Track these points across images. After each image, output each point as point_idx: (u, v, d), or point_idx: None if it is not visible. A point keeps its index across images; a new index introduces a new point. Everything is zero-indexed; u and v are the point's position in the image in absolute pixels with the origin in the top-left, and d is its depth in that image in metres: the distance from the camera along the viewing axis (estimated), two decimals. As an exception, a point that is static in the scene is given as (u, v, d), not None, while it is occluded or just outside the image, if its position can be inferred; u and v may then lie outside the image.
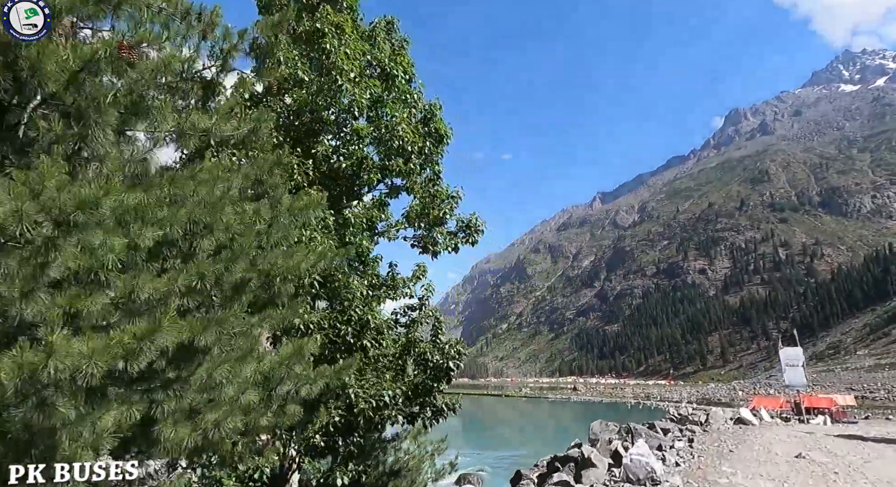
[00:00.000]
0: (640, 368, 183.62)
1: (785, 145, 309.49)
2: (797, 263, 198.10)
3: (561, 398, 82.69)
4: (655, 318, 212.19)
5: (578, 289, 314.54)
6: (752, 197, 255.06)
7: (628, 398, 74.08)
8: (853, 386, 58.24)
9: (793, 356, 26.30)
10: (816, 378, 70.44)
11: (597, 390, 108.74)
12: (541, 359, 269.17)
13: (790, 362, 26.12)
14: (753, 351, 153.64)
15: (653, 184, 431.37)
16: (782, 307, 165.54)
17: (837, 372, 71.06)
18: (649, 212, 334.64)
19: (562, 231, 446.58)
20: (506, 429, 47.62)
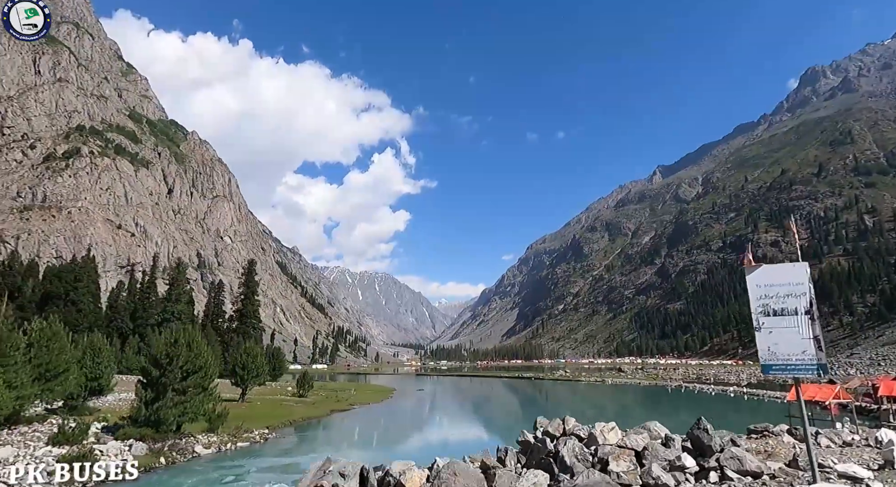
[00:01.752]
0: (705, 348, 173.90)
1: (872, 102, 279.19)
2: (887, 231, 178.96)
3: (595, 380, 79.03)
4: (721, 295, 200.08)
5: (638, 267, 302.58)
6: (833, 161, 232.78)
7: (677, 379, 69.31)
8: None
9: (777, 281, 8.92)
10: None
11: (644, 371, 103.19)
12: (598, 340, 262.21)
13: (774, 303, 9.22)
14: (834, 328, 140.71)
15: (718, 154, 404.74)
16: (868, 279, 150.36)
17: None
18: (714, 184, 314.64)
19: (620, 208, 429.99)
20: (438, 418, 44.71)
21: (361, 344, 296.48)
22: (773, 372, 8.31)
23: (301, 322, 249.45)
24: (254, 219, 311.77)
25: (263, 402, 37.01)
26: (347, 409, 40.05)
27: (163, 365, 20.56)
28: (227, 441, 22.31)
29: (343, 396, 47.70)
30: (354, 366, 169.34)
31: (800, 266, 8.54)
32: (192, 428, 22.21)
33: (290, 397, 42.31)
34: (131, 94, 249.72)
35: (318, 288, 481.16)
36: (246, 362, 33.66)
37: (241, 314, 62.76)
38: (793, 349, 7.97)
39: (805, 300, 8.35)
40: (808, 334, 7.97)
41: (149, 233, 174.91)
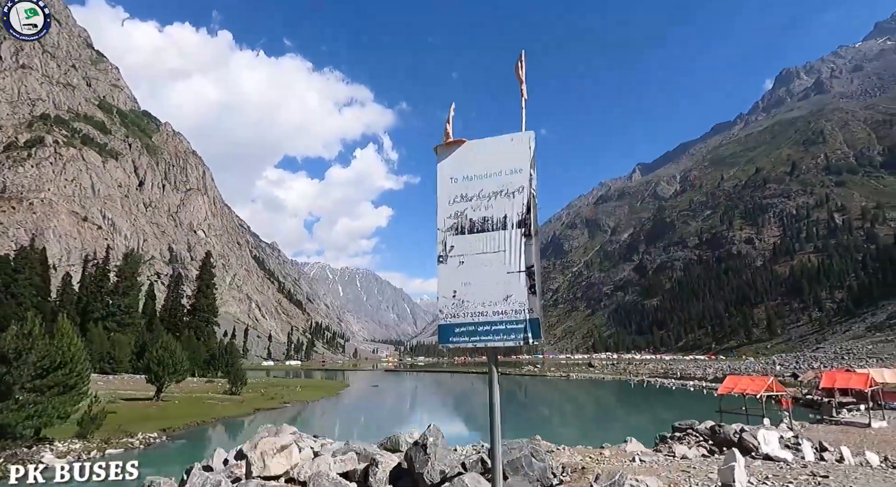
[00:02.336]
0: (680, 343, 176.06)
1: (843, 103, 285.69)
2: (855, 229, 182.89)
3: (560, 376, 79.12)
4: (697, 291, 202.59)
5: (616, 264, 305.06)
6: (805, 160, 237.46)
7: (644, 375, 69.52)
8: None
9: (483, 170, 4.76)
10: (873, 349, 63.45)
11: (613, 367, 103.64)
12: (577, 336, 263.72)
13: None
14: (804, 323, 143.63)
15: (696, 152, 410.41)
16: (837, 275, 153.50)
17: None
18: (691, 182, 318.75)
19: (599, 205, 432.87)
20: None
21: (340, 340, 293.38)
22: (454, 342, 4.46)
23: (277, 318, 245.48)
24: (230, 213, 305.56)
25: (184, 401, 34.76)
26: (276, 408, 37.91)
27: (9, 361, 17.48)
28: (93, 447, 19.62)
29: (282, 393, 45.57)
30: (330, 363, 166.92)
31: (521, 138, 4.53)
32: (60, 433, 19.52)
33: (219, 395, 40.05)
34: (101, 84, 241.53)
35: (298, 284, 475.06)
36: (162, 357, 31.02)
37: (194, 308, 59.98)
38: (489, 294, 4.22)
39: (521, 200, 4.39)
40: (519, 264, 4.26)
41: (117, 225, 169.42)
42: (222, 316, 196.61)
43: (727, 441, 12.63)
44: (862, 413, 21.94)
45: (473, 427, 30.30)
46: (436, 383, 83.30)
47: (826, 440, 16.35)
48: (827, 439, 16.62)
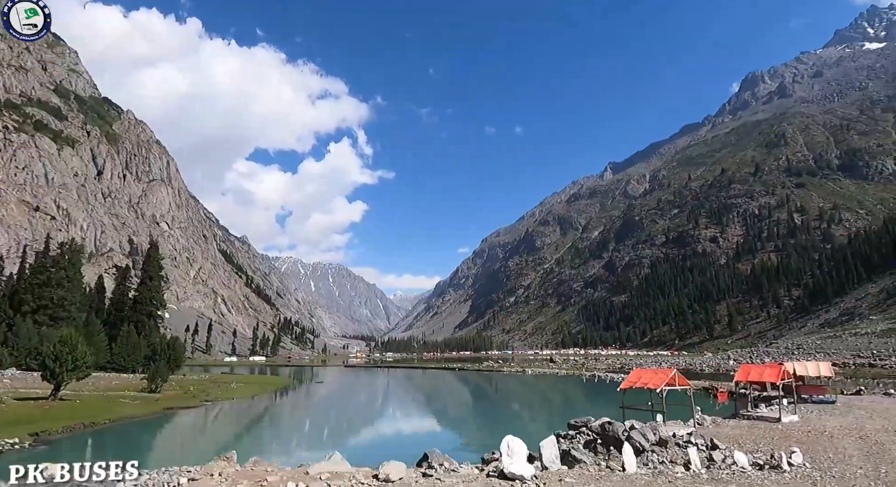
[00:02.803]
0: (645, 339, 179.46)
1: (804, 107, 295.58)
2: (813, 229, 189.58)
3: (516, 371, 79.45)
4: (663, 288, 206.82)
5: (587, 261, 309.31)
6: (768, 161, 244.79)
7: (600, 370, 70.29)
8: (861, 352, 53.00)
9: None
10: (821, 344, 65.40)
11: (571, 362, 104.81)
12: (547, 332, 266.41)
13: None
14: (763, 320, 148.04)
15: (665, 152, 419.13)
16: (795, 273, 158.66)
17: (845, 337, 65.60)
18: (660, 181, 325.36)
19: (572, 202, 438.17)
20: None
21: (309, 335, 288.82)
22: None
23: (244, 312, 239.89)
24: (196, 206, 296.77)
25: (88, 400, 31.93)
26: (192, 407, 35.27)
27: None
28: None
29: (212, 390, 42.96)
30: (296, 358, 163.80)
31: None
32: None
33: (136, 392, 37.38)
34: (58, 68, 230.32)
35: (268, 279, 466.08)
36: (59, 352, 28.41)
37: (135, 301, 56.68)
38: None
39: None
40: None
41: (72, 216, 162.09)
42: (186, 310, 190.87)
43: (616, 439, 12.06)
44: (785, 407, 21.89)
45: (392, 444, 27.26)
46: (391, 379, 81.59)
47: (730, 436, 16.03)
48: (731, 435, 16.41)
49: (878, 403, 25.77)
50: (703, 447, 11.57)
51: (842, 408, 23.81)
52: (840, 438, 15.61)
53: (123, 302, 57.54)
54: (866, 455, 12.56)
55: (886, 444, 14.09)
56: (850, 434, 16.37)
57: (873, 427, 17.79)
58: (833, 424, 18.98)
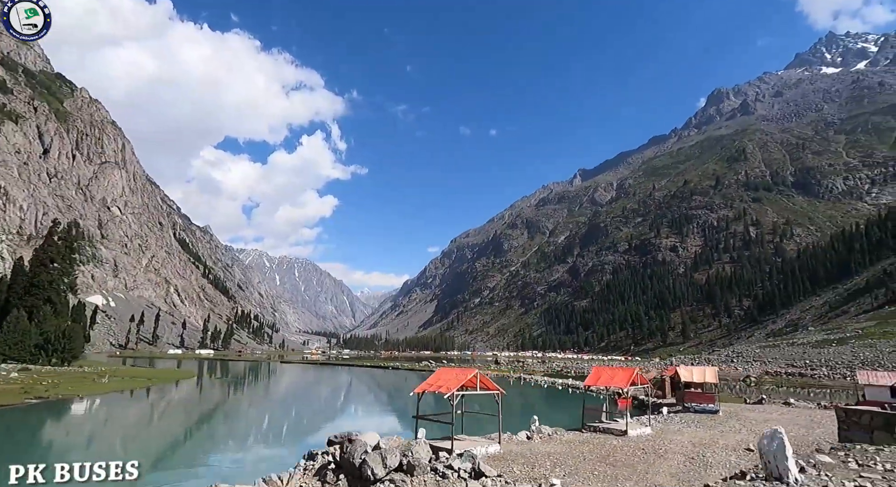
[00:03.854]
0: (602, 344, 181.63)
1: (764, 125, 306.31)
2: (767, 242, 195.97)
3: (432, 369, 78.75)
4: (623, 294, 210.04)
5: (552, 265, 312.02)
6: (728, 175, 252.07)
7: (540, 372, 69.99)
8: (795, 362, 54.06)
9: None
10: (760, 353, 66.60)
11: (513, 365, 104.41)
12: (509, 334, 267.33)
13: None
14: (714, 328, 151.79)
15: (633, 161, 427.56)
16: (747, 285, 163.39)
17: (783, 347, 67.34)
18: (626, 189, 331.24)
19: (540, 207, 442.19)
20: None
21: (268, 330, 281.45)
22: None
23: (199, 304, 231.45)
24: (153, 191, 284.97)
25: None
26: (8, 405, 30.50)
27: None
28: None
29: (70, 385, 38.56)
30: (247, 353, 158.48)
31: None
32: None
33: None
34: (6, 38, 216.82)
35: (230, 271, 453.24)
36: None
37: (31, 285, 51.16)
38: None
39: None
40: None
41: (11, 195, 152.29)
42: (134, 299, 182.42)
43: (351, 464, 9.89)
44: (665, 414, 20.70)
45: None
46: (320, 378, 77.13)
47: (544, 454, 14.38)
48: (547, 452, 14.74)
49: (766, 414, 25.12)
50: (464, 474, 9.60)
51: (720, 419, 23.00)
52: (670, 457, 14.14)
53: (33, 286, 52.31)
54: (677, 483, 11.17)
55: (714, 467, 12.72)
56: (690, 452, 14.91)
57: (725, 443, 16.48)
58: (684, 439, 17.40)
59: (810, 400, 33.18)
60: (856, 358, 50.81)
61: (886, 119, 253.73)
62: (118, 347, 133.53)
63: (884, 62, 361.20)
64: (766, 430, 8.84)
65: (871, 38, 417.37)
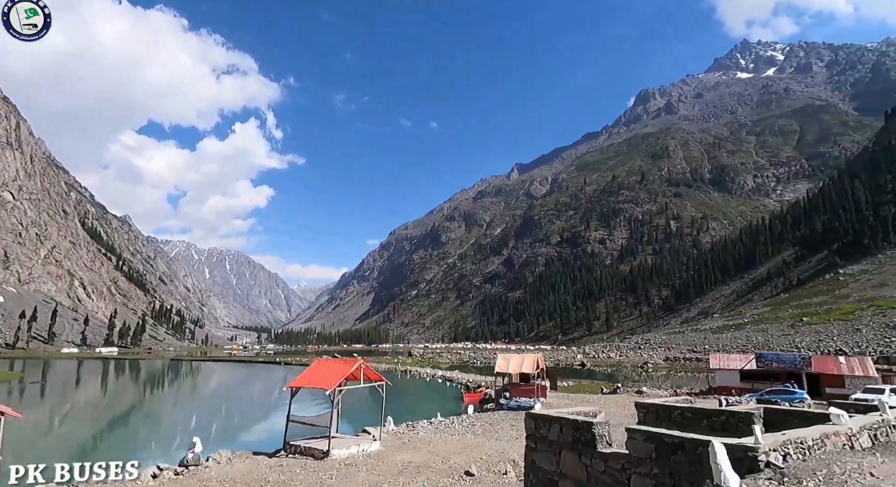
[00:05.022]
0: (532, 334, 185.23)
1: (685, 125, 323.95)
2: (685, 235, 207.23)
3: None
4: (554, 286, 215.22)
5: (488, 257, 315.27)
6: (653, 171, 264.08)
7: (441, 366, 69.80)
8: (695, 347, 56.44)
9: None
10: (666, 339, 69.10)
11: (433, 358, 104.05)
12: (445, 326, 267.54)
13: None
14: (635, 317, 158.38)
15: (567, 157, 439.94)
16: (666, 275, 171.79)
17: (687, 333, 70.90)
18: (560, 184, 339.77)
19: (478, 200, 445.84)
20: None
21: (190, 325, 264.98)
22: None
23: (109, 298, 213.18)
24: (57, 176, 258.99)
25: None
26: None
27: None
28: None
29: None
30: (159, 351, 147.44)
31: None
32: None
33: None
34: None
35: (152, 263, 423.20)
36: None
37: None
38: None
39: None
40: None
41: None
42: (28, 294, 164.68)
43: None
44: (470, 413, 18.61)
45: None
46: (207, 376, 72.51)
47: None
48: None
49: (593, 406, 24.29)
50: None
51: (523, 418, 21.26)
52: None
53: None
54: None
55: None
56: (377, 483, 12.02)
57: (456, 462, 13.55)
58: (407, 458, 14.07)
59: (695, 384, 33.60)
60: (749, 341, 53.30)
61: (790, 122, 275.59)
62: (5, 346, 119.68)
63: (789, 70, 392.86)
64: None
65: (779, 47, 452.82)
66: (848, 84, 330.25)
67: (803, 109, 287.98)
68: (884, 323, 56.49)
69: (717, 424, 9.17)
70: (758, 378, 33.05)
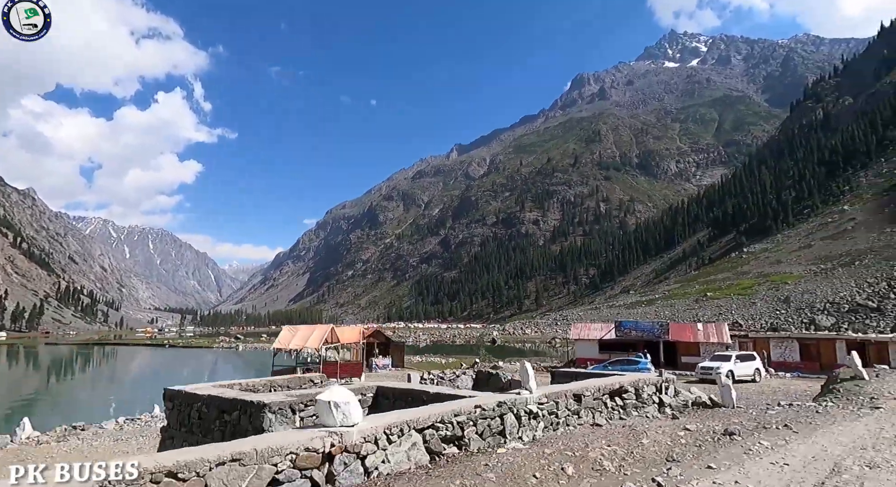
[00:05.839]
0: (465, 313, 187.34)
1: (617, 110, 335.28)
2: (614, 217, 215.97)
3: (228, 346, 76.31)
4: (488, 266, 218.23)
5: (425, 237, 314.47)
6: (585, 155, 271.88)
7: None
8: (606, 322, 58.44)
9: None
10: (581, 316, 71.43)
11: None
12: (380, 306, 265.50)
13: None
14: (564, 296, 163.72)
15: (505, 139, 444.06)
16: (594, 255, 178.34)
17: (602, 310, 73.96)
18: (497, 165, 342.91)
19: (417, 179, 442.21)
20: None
21: (104, 307, 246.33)
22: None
23: (4, 279, 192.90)
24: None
25: None
26: None
27: None
28: None
29: None
30: (59, 335, 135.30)
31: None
32: None
33: None
34: None
35: (61, 241, 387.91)
36: None
37: None
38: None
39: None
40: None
41: None
42: None
43: None
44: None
45: None
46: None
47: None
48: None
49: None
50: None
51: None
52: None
53: None
54: None
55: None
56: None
57: None
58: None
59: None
60: (657, 315, 55.67)
61: (710, 111, 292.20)
62: None
63: (711, 61, 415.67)
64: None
65: (703, 39, 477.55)
66: (761, 77, 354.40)
67: (722, 99, 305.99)
68: (776, 296, 60.92)
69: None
70: (616, 347, 32.77)
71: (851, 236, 76.39)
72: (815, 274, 65.45)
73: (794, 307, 57.47)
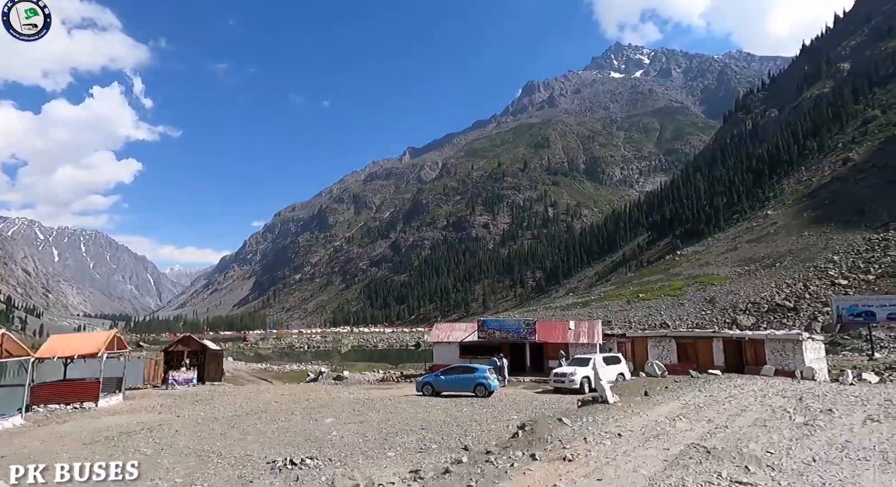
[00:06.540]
0: (412, 317, 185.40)
1: (565, 117, 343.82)
2: (561, 221, 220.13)
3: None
4: (438, 269, 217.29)
5: (375, 240, 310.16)
6: (534, 160, 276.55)
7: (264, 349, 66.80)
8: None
9: None
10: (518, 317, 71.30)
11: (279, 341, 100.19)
12: (328, 310, 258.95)
13: None
14: (510, 298, 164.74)
15: (457, 142, 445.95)
16: (541, 259, 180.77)
17: (538, 311, 74.59)
18: (449, 169, 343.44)
19: (368, 182, 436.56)
20: None
21: (21, 314, 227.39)
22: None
23: None
24: None
25: None
26: None
27: None
28: None
29: None
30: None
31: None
32: None
33: None
34: None
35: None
36: None
37: None
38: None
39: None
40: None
41: None
42: None
43: None
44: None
45: None
46: None
47: None
48: None
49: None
50: None
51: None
52: None
53: None
54: None
55: None
56: None
57: None
58: None
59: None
60: (590, 316, 55.76)
61: (652, 121, 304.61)
62: None
63: (653, 73, 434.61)
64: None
65: (646, 52, 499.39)
66: (699, 89, 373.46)
67: (663, 110, 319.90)
68: (703, 297, 62.80)
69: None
70: (480, 351, 28.89)
71: (773, 239, 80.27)
72: (739, 276, 68.06)
73: (719, 307, 59.31)
